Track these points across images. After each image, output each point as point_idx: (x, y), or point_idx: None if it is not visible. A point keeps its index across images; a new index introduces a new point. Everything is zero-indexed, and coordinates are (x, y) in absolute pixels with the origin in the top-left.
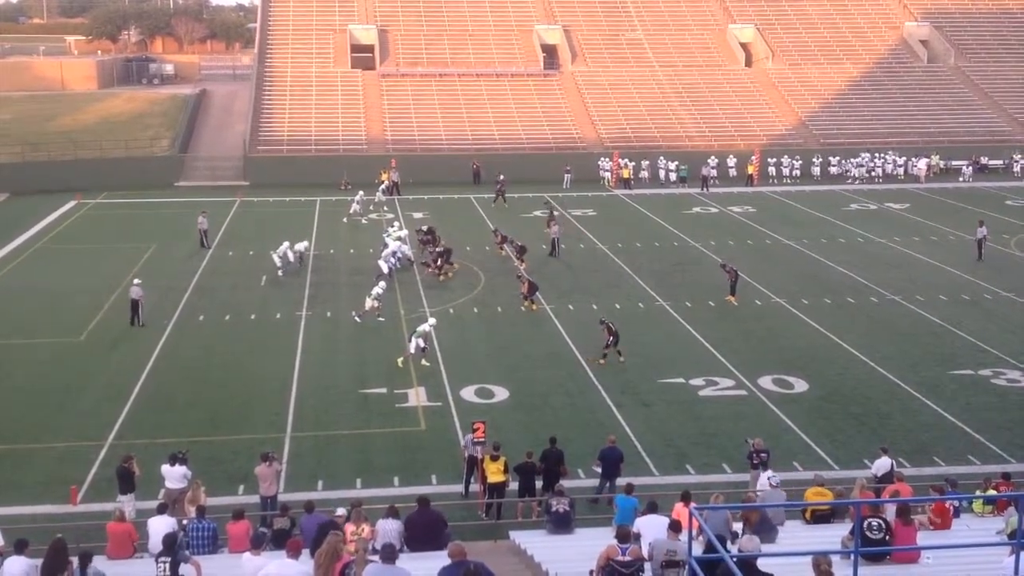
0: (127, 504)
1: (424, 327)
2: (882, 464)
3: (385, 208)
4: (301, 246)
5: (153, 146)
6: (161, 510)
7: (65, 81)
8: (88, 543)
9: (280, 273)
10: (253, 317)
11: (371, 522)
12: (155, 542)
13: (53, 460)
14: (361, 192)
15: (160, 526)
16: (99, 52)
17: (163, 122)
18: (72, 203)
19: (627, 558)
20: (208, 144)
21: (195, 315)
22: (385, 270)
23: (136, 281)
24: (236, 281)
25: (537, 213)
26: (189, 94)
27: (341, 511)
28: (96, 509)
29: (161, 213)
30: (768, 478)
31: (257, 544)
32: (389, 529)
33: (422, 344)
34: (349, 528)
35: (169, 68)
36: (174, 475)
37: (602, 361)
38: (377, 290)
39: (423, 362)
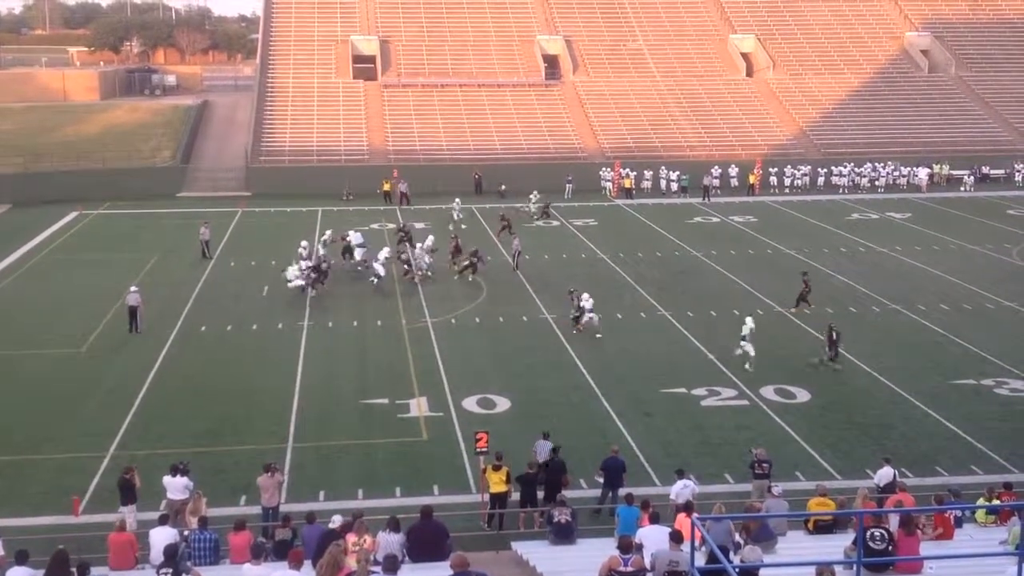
0: (129, 515)
1: (747, 327)
2: (884, 474)
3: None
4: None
5: (155, 157)
6: (163, 521)
7: (67, 92)
8: (90, 554)
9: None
10: (255, 327)
11: (373, 533)
12: (156, 553)
13: (55, 471)
14: (457, 200)
15: (161, 537)
16: (101, 63)
17: (165, 133)
18: (74, 214)
19: (629, 569)
20: (210, 155)
21: (197, 325)
22: (382, 272)
23: (133, 288)
24: (238, 291)
25: (539, 224)
26: (191, 105)
27: (337, 519)
28: (98, 520)
29: (163, 224)
30: (683, 487)
31: (257, 554)
32: (391, 540)
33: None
34: (351, 539)
35: (171, 79)
36: (176, 486)
37: (837, 367)
38: (587, 305)
39: (746, 366)
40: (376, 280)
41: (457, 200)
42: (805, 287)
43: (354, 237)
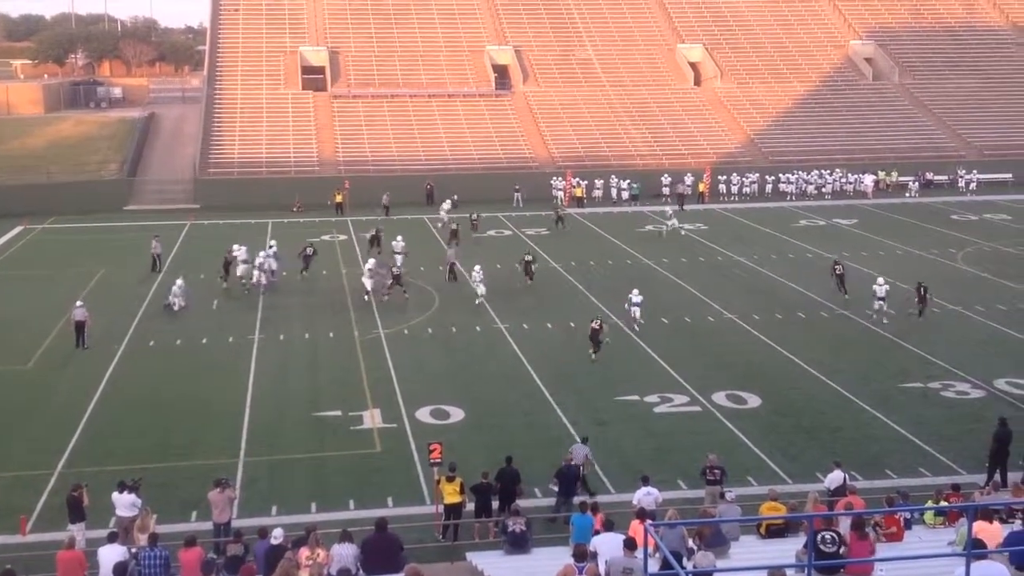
0: (77, 533)
1: (883, 288)
2: (835, 478)
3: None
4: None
5: (102, 170)
6: (112, 539)
7: (11, 105)
8: (38, 573)
9: (366, 298)
10: (205, 341)
11: (326, 546)
12: (106, 571)
13: (1, 489)
14: (447, 201)
15: (111, 555)
16: (46, 76)
17: (112, 146)
18: (19, 229)
19: None
20: (158, 167)
21: (145, 340)
22: (368, 287)
23: (78, 303)
24: (187, 305)
25: (491, 232)
26: (138, 117)
27: (279, 533)
28: (46, 539)
29: (110, 238)
30: (646, 494)
31: (208, 571)
32: (345, 554)
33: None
34: (304, 553)
35: (117, 91)
36: (123, 503)
37: (920, 317)
38: (636, 299)
39: (884, 320)
40: (367, 295)
41: (447, 201)
42: (836, 274)
43: (239, 252)
